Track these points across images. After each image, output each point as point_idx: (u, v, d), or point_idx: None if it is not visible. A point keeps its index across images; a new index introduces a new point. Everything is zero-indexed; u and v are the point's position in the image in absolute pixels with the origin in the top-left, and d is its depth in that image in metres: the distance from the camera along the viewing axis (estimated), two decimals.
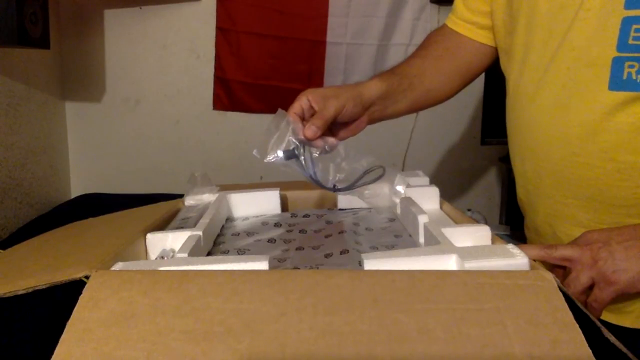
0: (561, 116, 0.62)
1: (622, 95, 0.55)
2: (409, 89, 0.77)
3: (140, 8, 1.62)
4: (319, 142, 0.64)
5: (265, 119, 1.70)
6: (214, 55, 1.65)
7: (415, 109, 0.80)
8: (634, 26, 0.53)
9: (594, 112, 0.58)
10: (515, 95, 0.71)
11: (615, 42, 0.55)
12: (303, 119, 0.66)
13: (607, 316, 0.67)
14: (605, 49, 0.56)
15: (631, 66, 0.54)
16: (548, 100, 0.64)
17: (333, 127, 0.69)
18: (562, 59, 0.61)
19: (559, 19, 0.61)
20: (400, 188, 0.74)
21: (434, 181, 0.78)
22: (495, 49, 0.78)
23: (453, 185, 1.81)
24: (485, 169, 1.81)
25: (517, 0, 0.67)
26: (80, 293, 0.43)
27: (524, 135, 0.70)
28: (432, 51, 0.80)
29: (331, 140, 0.66)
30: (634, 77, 0.54)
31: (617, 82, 0.56)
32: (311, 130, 0.63)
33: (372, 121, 0.73)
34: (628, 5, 0.53)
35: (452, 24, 0.79)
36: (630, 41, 0.54)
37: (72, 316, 0.40)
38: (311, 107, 0.66)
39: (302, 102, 0.66)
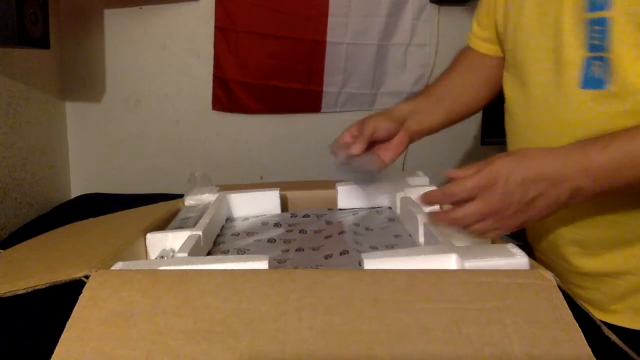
0: (541, 116, 0.65)
1: (590, 92, 0.59)
2: (439, 102, 0.82)
3: (140, 8, 1.62)
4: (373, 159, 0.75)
5: (265, 119, 1.70)
6: (213, 55, 1.65)
7: (451, 121, 0.85)
8: (594, 27, 0.57)
9: (567, 110, 0.61)
10: (508, 100, 0.74)
11: (584, 44, 0.59)
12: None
13: (598, 314, 0.67)
14: (577, 50, 0.59)
15: (594, 65, 0.58)
16: (532, 102, 0.67)
17: (377, 150, 0.76)
18: (545, 61, 0.64)
19: (542, 26, 0.64)
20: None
21: (434, 181, 0.78)
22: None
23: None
24: None
25: (509, 9, 0.71)
26: (80, 293, 0.43)
27: (514, 138, 0.73)
28: (458, 68, 0.85)
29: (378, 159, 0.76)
30: (598, 75, 0.58)
31: (587, 81, 0.59)
32: (357, 146, 0.70)
33: (412, 137, 0.79)
34: (590, 8, 0.57)
35: (471, 42, 0.84)
36: (593, 42, 0.58)
37: (72, 316, 0.40)
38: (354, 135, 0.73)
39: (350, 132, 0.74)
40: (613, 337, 0.41)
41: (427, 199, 0.59)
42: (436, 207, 0.66)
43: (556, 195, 0.53)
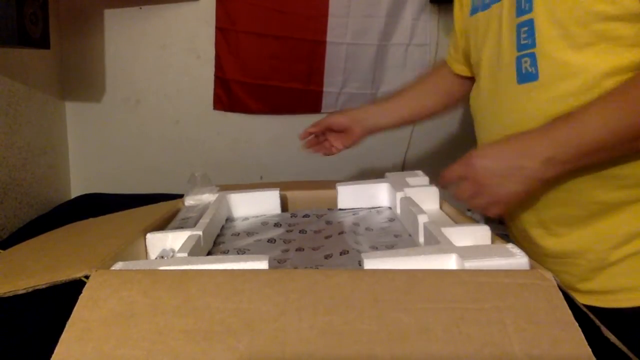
0: (496, 118, 0.74)
1: (526, 86, 0.67)
2: (401, 109, 0.96)
3: (140, 8, 1.62)
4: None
5: (265, 119, 1.70)
6: (213, 55, 1.64)
7: (402, 125, 0.99)
8: (522, 29, 0.67)
9: (512, 104, 0.70)
10: (473, 109, 0.83)
11: (515, 45, 0.68)
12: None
13: (593, 300, 0.70)
14: (511, 51, 0.69)
15: (525, 61, 0.67)
16: (488, 103, 0.76)
17: (330, 136, 0.97)
18: (492, 66, 0.74)
19: (490, 36, 0.74)
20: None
21: (434, 181, 0.78)
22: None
23: (453, 186, 1.80)
24: None
25: (467, 29, 0.81)
26: (80, 293, 0.43)
27: (481, 142, 0.82)
28: (431, 78, 0.99)
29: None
30: (529, 70, 0.67)
31: (521, 76, 0.68)
32: (312, 127, 0.97)
33: (365, 132, 0.95)
34: (517, 14, 0.67)
35: (448, 62, 0.95)
36: (522, 41, 0.67)
37: (72, 316, 0.40)
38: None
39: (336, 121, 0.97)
40: (612, 338, 0.41)
41: (440, 182, 0.71)
42: None
43: (530, 166, 0.60)
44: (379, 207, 0.81)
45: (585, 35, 0.61)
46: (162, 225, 0.70)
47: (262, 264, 0.49)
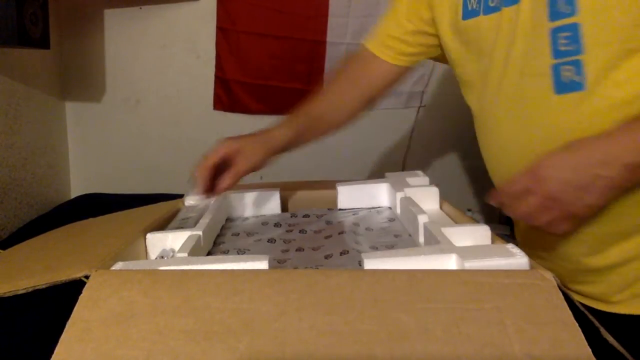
0: (521, 127, 0.67)
1: (569, 96, 0.61)
2: (317, 122, 0.85)
3: (140, 8, 1.62)
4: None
5: (265, 119, 1.70)
6: (214, 55, 1.64)
7: (322, 137, 0.86)
8: (560, 34, 0.60)
9: (548, 117, 0.63)
10: (479, 118, 0.77)
11: (550, 52, 0.61)
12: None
13: (599, 305, 0.69)
14: (543, 59, 0.62)
15: (568, 70, 0.60)
16: (507, 114, 0.69)
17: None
18: (510, 75, 0.67)
19: (501, 42, 0.67)
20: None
21: (434, 181, 0.78)
22: (403, 69, 0.85)
23: (453, 185, 1.80)
24: (485, 169, 1.80)
25: (463, 34, 0.73)
26: (80, 293, 0.43)
27: (494, 152, 0.75)
28: (345, 78, 0.88)
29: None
30: (573, 78, 0.60)
31: (561, 86, 0.61)
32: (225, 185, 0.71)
33: (280, 153, 0.78)
34: (551, 18, 0.60)
35: (375, 48, 0.86)
36: (561, 48, 0.60)
37: (72, 316, 0.40)
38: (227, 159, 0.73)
39: (219, 154, 0.73)
40: (610, 339, 0.41)
41: (492, 199, 0.61)
42: None
43: (611, 175, 0.54)
44: (379, 207, 0.81)
45: None
46: (162, 225, 0.70)
47: (262, 264, 0.49)
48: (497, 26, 0.68)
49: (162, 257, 0.59)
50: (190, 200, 0.81)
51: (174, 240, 0.62)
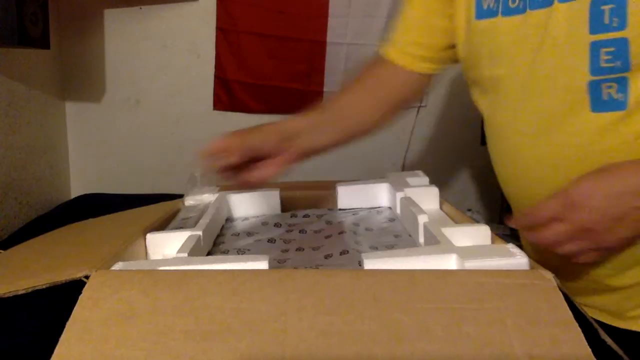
0: (546, 142, 0.62)
1: (607, 116, 0.56)
2: (338, 120, 0.76)
3: (140, 8, 1.62)
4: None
5: (265, 120, 1.70)
6: (214, 55, 1.65)
7: (345, 142, 0.78)
8: (603, 49, 0.54)
9: (581, 135, 0.58)
10: (492, 124, 0.71)
11: (588, 67, 0.55)
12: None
13: (613, 321, 0.67)
14: (578, 74, 0.56)
15: (609, 87, 0.55)
16: (529, 128, 0.64)
17: (258, 166, 0.66)
18: (535, 87, 0.61)
19: (524, 49, 0.61)
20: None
21: (434, 181, 0.78)
22: (429, 77, 0.78)
23: (453, 185, 1.81)
24: (485, 169, 1.80)
25: (477, 35, 0.67)
26: (80, 293, 0.43)
27: (510, 162, 0.70)
28: (366, 81, 0.80)
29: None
30: (615, 97, 0.55)
31: (598, 104, 0.56)
32: (234, 157, 0.62)
33: (303, 155, 0.70)
34: (593, 31, 0.54)
35: (390, 54, 0.78)
36: (603, 64, 0.54)
37: (72, 316, 0.40)
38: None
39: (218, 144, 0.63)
40: (609, 340, 0.41)
41: (515, 222, 0.58)
42: None
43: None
44: (379, 207, 0.81)
45: None
46: (162, 225, 0.70)
47: (262, 264, 0.49)
48: (519, 31, 0.61)
49: (162, 257, 0.59)
50: (190, 201, 0.81)
51: (174, 240, 0.62)
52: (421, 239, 0.62)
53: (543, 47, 0.58)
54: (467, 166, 1.79)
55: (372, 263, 0.49)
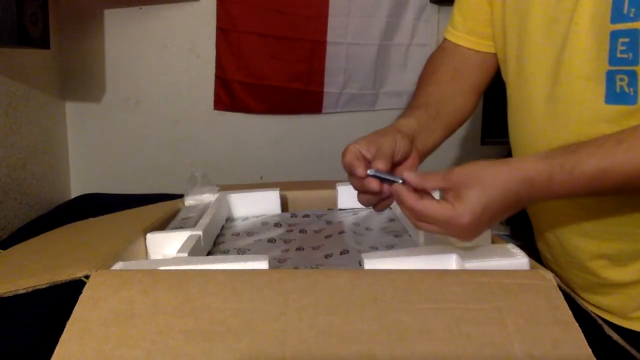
0: (561, 128, 0.62)
1: (617, 108, 0.56)
2: (438, 116, 0.74)
3: (140, 8, 1.62)
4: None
5: (265, 119, 1.70)
6: (214, 55, 1.64)
7: (449, 133, 0.76)
8: (620, 40, 0.54)
9: (592, 125, 0.58)
10: (515, 104, 0.71)
11: (607, 56, 0.55)
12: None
13: (617, 320, 0.67)
14: (599, 62, 0.56)
15: (621, 79, 0.55)
16: (547, 112, 0.63)
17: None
18: (559, 71, 0.61)
19: (552, 32, 0.61)
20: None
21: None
22: (495, 56, 0.76)
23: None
24: None
25: (510, 14, 0.67)
26: (80, 293, 0.43)
27: (525, 144, 0.70)
28: (443, 75, 0.78)
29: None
30: (626, 90, 0.55)
31: (612, 96, 0.56)
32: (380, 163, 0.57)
33: (421, 157, 0.69)
34: (613, 20, 0.54)
35: (453, 37, 0.78)
36: (619, 55, 0.54)
37: (72, 316, 0.40)
38: (363, 156, 0.59)
39: (352, 153, 0.58)
40: (615, 336, 0.41)
41: (408, 176, 0.54)
42: None
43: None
44: None
45: None
46: (162, 225, 0.70)
47: (262, 264, 0.49)
48: (549, 16, 0.61)
49: (162, 256, 0.59)
50: (190, 201, 0.81)
51: (174, 240, 0.62)
52: (421, 239, 0.62)
53: (569, 32, 0.58)
54: None
55: (372, 263, 0.49)
